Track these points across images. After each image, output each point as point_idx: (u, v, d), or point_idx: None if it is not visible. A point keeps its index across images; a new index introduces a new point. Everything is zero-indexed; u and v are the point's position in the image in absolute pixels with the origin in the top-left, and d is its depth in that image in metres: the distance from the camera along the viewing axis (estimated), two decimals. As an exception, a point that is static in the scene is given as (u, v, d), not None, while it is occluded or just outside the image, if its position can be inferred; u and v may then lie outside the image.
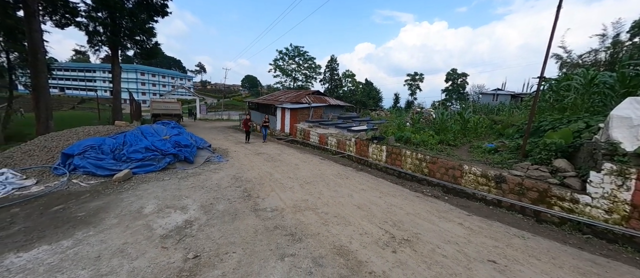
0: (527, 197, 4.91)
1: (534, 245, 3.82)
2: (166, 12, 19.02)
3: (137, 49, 19.27)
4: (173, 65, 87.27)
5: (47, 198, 5.15)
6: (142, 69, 66.72)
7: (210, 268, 3.02)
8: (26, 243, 3.49)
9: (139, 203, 4.99)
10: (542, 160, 5.32)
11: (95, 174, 6.45)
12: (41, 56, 10.70)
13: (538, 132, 6.58)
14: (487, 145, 7.54)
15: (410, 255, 3.44)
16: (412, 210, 5.06)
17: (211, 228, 4.01)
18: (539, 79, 5.76)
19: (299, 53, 50.23)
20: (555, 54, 17.16)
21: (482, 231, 4.23)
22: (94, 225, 4.05)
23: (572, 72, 9.60)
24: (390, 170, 8.06)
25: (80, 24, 16.19)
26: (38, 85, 10.73)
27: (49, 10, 14.37)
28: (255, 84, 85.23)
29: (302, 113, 17.42)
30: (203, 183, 6.35)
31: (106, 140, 7.48)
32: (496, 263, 3.29)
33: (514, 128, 8.77)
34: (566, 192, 4.42)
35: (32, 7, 10.19)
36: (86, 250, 3.34)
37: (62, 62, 65.91)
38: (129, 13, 17.02)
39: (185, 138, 9.19)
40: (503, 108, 15.84)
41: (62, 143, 7.58)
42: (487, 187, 5.56)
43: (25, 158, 6.82)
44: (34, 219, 4.24)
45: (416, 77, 58.83)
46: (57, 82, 63.98)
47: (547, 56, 5.42)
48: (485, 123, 10.81)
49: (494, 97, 28.79)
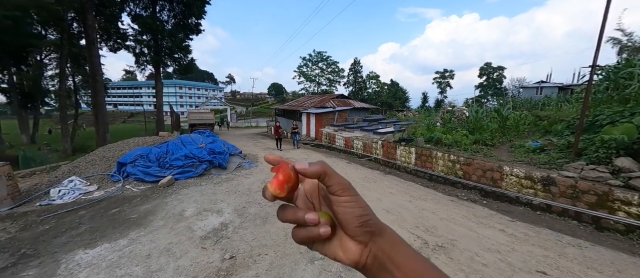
0: (582, 201, 4.36)
1: (594, 256, 3.38)
2: (200, 30, 20.71)
3: (176, 66, 21.20)
4: (206, 78, 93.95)
5: (107, 202, 5.86)
6: (180, 83, 72.92)
7: (245, 269, 3.18)
8: (92, 242, 4.01)
9: (181, 206, 5.44)
10: (599, 159, 4.70)
11: (144, 180, 7.19)
12: (99, 78, 12.32)
13: (593, 128, 5.83)
14: (532, 143, 6.88)
15: (446, 262, 3.26)
16: (446, 214, 4.79)
17: (244, 231, 4.23)
18: (591, 67, 5.13)
19: (321, 58, 50.88)
20: (613, 37, 15.07)
21: (528, 239, 3.85)
22: (144, 226, 4.51)
23: (635, 58, 8.36)
24: (421, 173, 7.73)
25: (129, 47, 18.35)
26: (97, 103, 12.35)
27: (104, 37, 16.53)
28: (281, 91, 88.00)
29: (327, 117, 17.54)
30: (236, 188, 6.71)
31: (152, 150, 8.30)
32: (547, 275, 2.98)
33: (563, 124, 7.87)
34: (633, 195, 3.84)
35: (91, 36, 11.82)
36: (139, 249, 3.73)
37: (115, 82, 74.79)
38: (168, 34, 18.85)
39: (218, 145, 9.81)
40: (549, 102, 14.31)
41: (117, 154, 8.58)
42: (533, 190, 5.06)
43: (88, 167, 7.85)
44: (97, 220, 4.85)
45: (446, 74, 55.85)
46: (111, 99, 72.69)
47: (600, 41, 4.82)
48: (528, 119, 9.86)
49: (537, 90, 26.11)
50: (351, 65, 51.13)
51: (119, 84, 76.62)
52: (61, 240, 4.08)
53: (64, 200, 5.96)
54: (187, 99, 75.40)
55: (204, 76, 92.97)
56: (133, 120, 48.76)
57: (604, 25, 4.76)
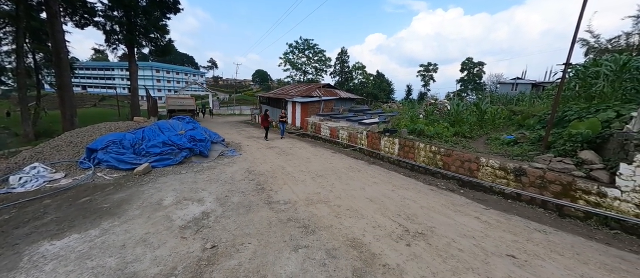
0: (549, 191, 4.70)
1: (557, 240, 3.67)
2: (178, 9, 19.35)
3: (152, 46, 19.82)
4: (186, 62, 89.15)
5: (75, 191, 5.46)
6: (157, 66, 68.65)
7: (227, 258, 3.12)
8: (58, 232, 3.73)
9: (159, 195, 5.20)
10: (566, 151, 5.05)
11: (117, 168, 6.77)
12: (64, 56, 11.21)
13: (562, 123, 6.24)
14: (506, 136, 7.25)
15: (425, 248, 3.40)
16: (426, 203, 4.98)
17: (227, 220, 4.13)
18: (565, 65, 5.42)
19: (308, 46, 49.86)
20: (582, 39, 15.98)
21: (500, 225, 4.11)
22: (118, 215, 4.27)
23: (601, 58, 8.96)
24: (403, 163, 7.94)
25: (98, 24, 16.82)
26: (62, 84, 11.30)
27: (69, 11, 14.99)
28: (266, 79, 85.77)
29: (313, 106, 17.39)
30: (218, 177, 6.52)
31: (126, 136, 7.81)
32: (515, 258, 3.20)
33: (535, 118, 8.36)
34: (593, 185, 4.19)
35: (54, 8, 10.64)
36: (112, 239, 3.53)
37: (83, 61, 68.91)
38: (143, 11, 17.46)
39: (199, 133, 9.43)
40: (523, 98, 15.12)
41: (87, 139, 7.98)
42: (505, 180, 5.36)
43: (53, 153, 7.25)
44: (64, 210, 4.52)
45: (430, 67, 57.08)
46: (79, 81, 67.12)
47: (574, 40, 5.08)
48: (504, 114, 10.38)
49: (513, 86, 27.46)
50: (338, 55, 50.70)
51: (89, 64, 70.75)
52: (23, 231, 3.76)
53: (26, 188, 5.49)
54: (165, 84, 71.39)
55: (183, 59, 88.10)
56: (105, 104, 45.53)
57: (578, 25, 5.00)
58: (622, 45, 14.40)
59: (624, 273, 2.95)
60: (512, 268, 3.00)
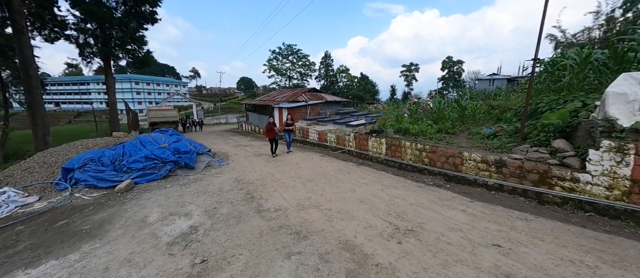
0: (528, 180, 4.94)
1: (537, 227, 3.86)
2: (155, 19, 18.89)
3: (130, 58, 19.17)
4: (167, 72, 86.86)
5: (51, 214, 5.15)
6: (136, 78, 66.37)
7: (218, 272, 3.04)
8: (34, 260, 3.50)
9: (143, 212, 5.00)
10: (540, 141, 5.34)
11: (97, 187, 6.45)
12: (33, 72, 10.63)
13: (536, 114, 6.59)
14: (486, 130, 7.56)
15: (415, 244, 3.47)
16: (414, 200, 5.09)
17: (216, 232, 4.03)
18: (533, 60, 5.76)
19: (292, 51, 50.02)
20: (550, 34, 17.09)
21: (485, 216, 4.27)
22: (100, 237, 4.06)
23: (568, 52, 9.59)
24: (391, 163, 8.09)
25: (70, 37, 16.08)
26: (32, 101, 10.69)
27: (37, 25, 14.24)
28: (251, 86, 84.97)
29: (300, 111, 17.41)
30: (205, 188, 6.36)
31: (105, 152, 7.47)
32: (501, 247, 3.33)
33: (511, 112, 8.78)
34: (566, 172, 4.45)
35: (20, 24, 10.11)
36: (94, 263, 3.36)
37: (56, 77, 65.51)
38: (118, 22, 16.88)
39: (184, 144, 9.18)
40: (500, 93, 15.82)
41: (62, 158, 7.56)
42: (488, 172, 5.59)
43: (25, 176, 6.81)
44: (40, 235, 4.24)
45: (412, 67, 58.73)
46: (51, 98, 63.69)
47: (539, 37, 5.41)
48: (483, 109, 10.81)
49: (490, 82, 28.80)
50: (322, 59, 51.16)
51: (61, 79, 67.36)
52: (-7, 262, 3.50)
53: (-5, 215, 5.11)
54: (146, 96, 69.08)
55: (164, 70, 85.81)
56: (81, 120, 43.39)
57: (542, 23, 5.34)
58: (585, 39, 15.48)
59: (599, 253, 3.15)
60: (498, 257, 3.12)
